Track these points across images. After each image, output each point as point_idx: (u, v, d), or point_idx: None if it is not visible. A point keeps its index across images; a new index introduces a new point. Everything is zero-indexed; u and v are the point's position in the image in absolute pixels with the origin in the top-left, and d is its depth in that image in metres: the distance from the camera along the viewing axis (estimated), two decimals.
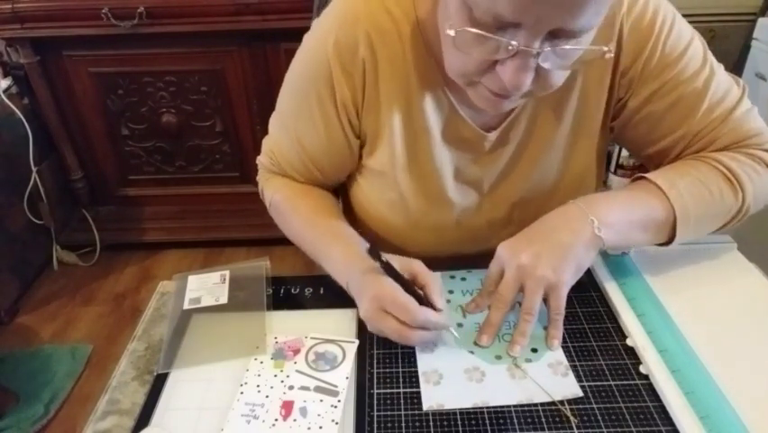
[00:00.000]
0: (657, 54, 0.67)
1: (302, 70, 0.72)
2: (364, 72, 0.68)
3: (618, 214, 0.65)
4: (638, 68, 0.68)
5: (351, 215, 0.83)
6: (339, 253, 0.70)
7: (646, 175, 0.68)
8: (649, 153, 0.74)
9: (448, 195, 0.75)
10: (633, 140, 0.75)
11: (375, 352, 0.63)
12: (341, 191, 0.87)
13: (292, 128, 0.75)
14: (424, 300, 0.62)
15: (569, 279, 0.63)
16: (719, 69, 0.69)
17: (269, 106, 0.80)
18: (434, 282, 0.64)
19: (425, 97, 0.69)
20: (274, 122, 0.80)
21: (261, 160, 0.83)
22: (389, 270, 0.63)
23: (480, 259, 0.80)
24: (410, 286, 0.63)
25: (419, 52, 0.67)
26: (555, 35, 0.51)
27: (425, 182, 0.74)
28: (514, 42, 0.51)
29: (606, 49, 0.55)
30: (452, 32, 0.54)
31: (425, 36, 0.67)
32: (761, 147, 0.69)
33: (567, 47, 0.52)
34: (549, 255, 0.62)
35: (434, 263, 0.80)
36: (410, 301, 0.61)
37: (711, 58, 0.69)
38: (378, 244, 0.72)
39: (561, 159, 0.74)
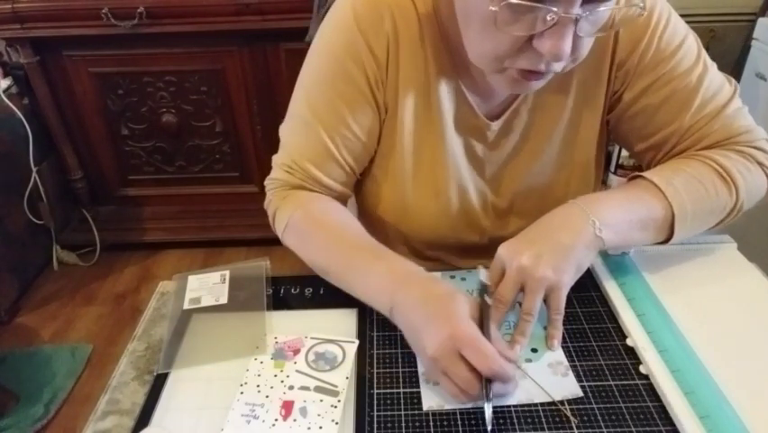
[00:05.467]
0: (653, 48, 0.68)
1: (327, 51, 0.70)
2: (388, 48, 0.68)
3: (618, 214, 0.65)
4: (634, 61, 0.69)
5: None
6: (382, 269, 0.63)
7: (643, 174, 0.69)
8: (642, 148, 0.75)
9: (454, 181, 0.75)
10: (627, 134, 0.75)
11: (375, 352, 0.63)
12: None
13: (317, 119, 0.71)
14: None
15: (569, 279, 0.63)
16: (712, 66, 0.71)
17: (270, 106, 0.80)
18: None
19: (441, 83, 0.70)
20: (289, 125, 0.75)
21: (276, 176, 0.76)
22: (484, 310, 0.58)
23: (482, 249, 0.81)
24: (487, 332, 0.57)
25: (435, 38, 0.68)
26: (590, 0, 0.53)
27: (432, 167, 0.74)
28: (554, 9, 0.52)
29: (641, 5, 0.58)
30: (495, 8, 0.54)
31: (440, 23, 0.68)
32: (750, 144, 0.70)
33: (602, 8, 0.53)
34: (550, 256, 0.62)
35: (437, 250, 0.80)
36: (490, 348, 0.54)
37: (705, 55, 0.70)
38: (380, 234, 0.71)
39: (562, 150, 0.75)
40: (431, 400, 0.57)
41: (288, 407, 0.57)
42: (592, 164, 0.77)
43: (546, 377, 0.59)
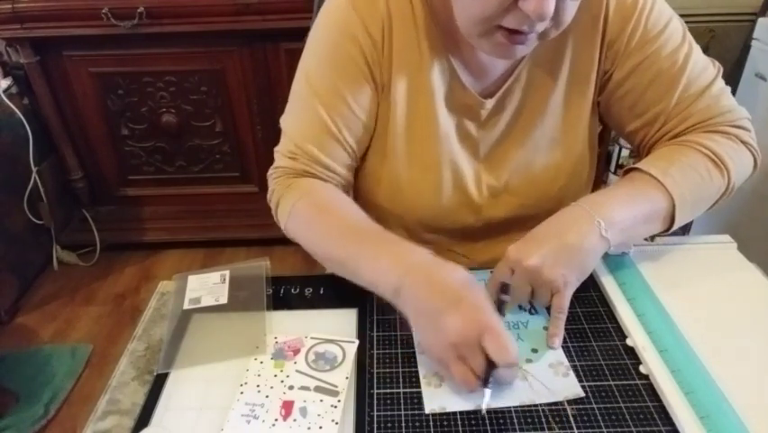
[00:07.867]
0: (640, 29, 0.71)
1: (324, 32, 0.73)
2: (383, 29, 0.70)
3: (623, 212, 0.66)
4: (623, 41, 0.72)
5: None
6: (390, 250, 0.64)
7: (638, 166, 0.70)
8: (633, 128, 0.77)
9: (446, 160, 0.76)
10: (617, 114, 0.77)
11: (375, 352, 0.63)
12: None
13: (317, 98, 0.72)
14: None
15: (575, 280, 0.65)
16: (697, 48, 0.73)
17: (270, 106, 0.80)
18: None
19: (433, 63, 0.72)
20: (290, 109, 0.77)
21: (279, 165, 0.77)
22: (500, 306, 0.61)
23: (478, 232, 0.82)
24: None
25: (426, 18, 0.70)
26: None
27: (425, 146, 0.75)
28: None
29: None
30: None
31: (431, 3, 0.70)
32: (732, 123, 0.72)
33: None
34: (557, 257, 0.63)
35: (434, 233, 0.81)
36: (510, 340, 0.56)
37: (690, 37, 0.73)
38: (377, 217, 0.72)
39: (554, 129, 0.76)
40: (433, 404, 0.57)
41: (287, 407, 0.57)
42: (585, 146, 0.78)
43: (547, 377, 0.59)
